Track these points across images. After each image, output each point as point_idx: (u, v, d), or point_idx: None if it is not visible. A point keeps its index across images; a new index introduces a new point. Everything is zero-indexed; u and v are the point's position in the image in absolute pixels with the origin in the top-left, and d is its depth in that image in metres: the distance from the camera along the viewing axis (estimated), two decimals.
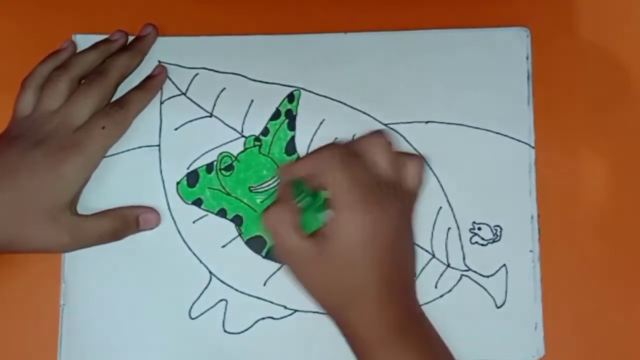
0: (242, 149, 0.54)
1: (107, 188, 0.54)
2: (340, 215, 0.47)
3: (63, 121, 0.51)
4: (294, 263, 0.49)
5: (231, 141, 0.54)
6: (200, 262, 0.53)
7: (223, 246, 0.54)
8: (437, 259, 0.53)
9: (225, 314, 0.53)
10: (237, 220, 0.54)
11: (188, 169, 0.54)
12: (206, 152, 0.54)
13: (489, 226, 0.53)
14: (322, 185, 0.48)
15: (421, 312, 0.50)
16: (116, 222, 0.52)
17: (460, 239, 0.53)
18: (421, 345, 0.48)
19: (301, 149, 0.54)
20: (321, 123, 0.54)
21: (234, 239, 0.54)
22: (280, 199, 0.50)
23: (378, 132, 0.50)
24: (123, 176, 0.54)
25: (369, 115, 0.54)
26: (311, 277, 0.49)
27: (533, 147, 0.53)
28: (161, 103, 0.55)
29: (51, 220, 0.50)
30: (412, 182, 0.50)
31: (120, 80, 0.54)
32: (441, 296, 0.53)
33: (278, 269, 0.53)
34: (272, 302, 0.53)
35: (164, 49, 0.55)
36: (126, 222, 0.53)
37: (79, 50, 0.54)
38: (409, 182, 0.50)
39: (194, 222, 0.54)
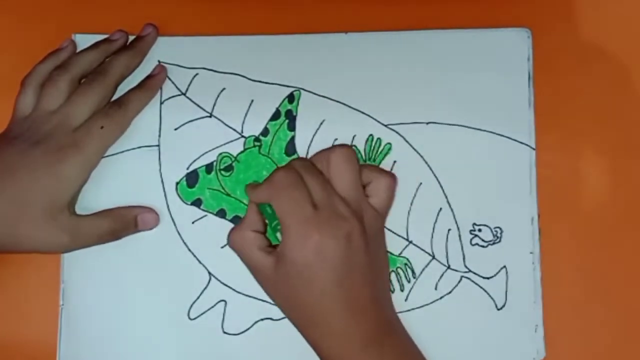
0: (241, 149, 0.54)
1: (107, 188, 0.54)
2: (285, 237, 0.47)
3: (62, 121, 0.51)
4: (260, 280, 0.50)
5: (231, 141, 0.54)
6: (200, 262, 0.53)
7: (222, 247, 0.53)
8: (437, 260, 0.53)
9: (224, 314, 0.53)
10: (237, 221, 0.54)
11: (187, 169, 0.54)
12: (206, 153, 0.54)
13: (490, 228, 0.53)
14: None
15: (394, 322, 0.50)
16: (115, 223, 0.52)
17: (460, 240, 0.53)
18: (395, 356, 0.48)
19: (301, 149, 0.54)
20: (321, 123, 0.54)
21: None
22: (246, 218, 0.51)
23: (344, 147, 0.50)
24: (123, 176, 0.54)
25: (369, 115, 0.54)
26: (274, 293, 0.50)
27: (534, 149, 0.53)
28: (161, 103, 0.55)
29: (50, 220, 0.50)
30: (378, 199, 0.50)
31: (120, 80, 0.54)
32: (441, 298, 0.53)
33: None
34: (271, 303, 0.53)
35: (164, 49, 0.55)
36: (125, 222, 0.53)
37: (79, 49, 0.54)
38: (375, 199, 0.50)
39: (193, 223, 0.54)
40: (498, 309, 0.53)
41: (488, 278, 0.53)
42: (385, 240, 0.52)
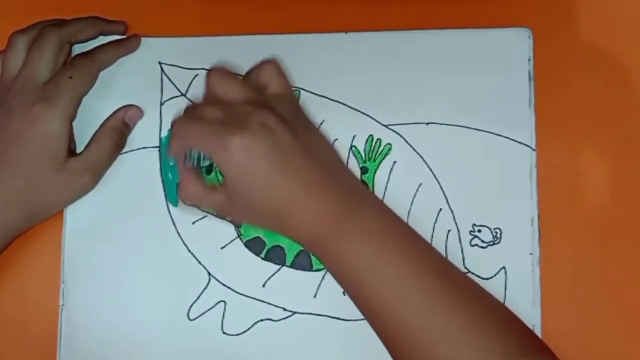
0: None
1: (108, 189, 0.54)
2: (215, 161, 0.47)
3: (27, 80, 0.51)
4: (226, 214, 0.51)
5: None
6: (199, 263, 0.53)
7: (222, 247, 0.54)
8: None
9: (224, 315, 0.53)
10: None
11: None
12: None
13: (489, 228, 0.53)
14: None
15: (365, 199, 0.50)
16: (113, 136, 0.54)
17: (460, 241, 0.53)
18: (369, 229, 0.48)
19: None
20: (321, 123, 0.54)
21: (233, 240, 0.54)
22: (181, 175, 0.50)
23: (216, 67, 0.51)
24: (123, 177, 0.54)
25: (369, 116, 0.54)
26: (241, 218, 0.51)
27: (534, 149, 0.53)
28: (161, 104, 0.55)
29: (61, 172, 0.51)
30: (274, 84, 0.50)
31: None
32: None
33: (277, 271, 0.53)
34: (271, 304, 0.53)
35: (164, 49, 0.55)
36: (119, 130, 0.54)
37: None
38: (271, 87, 0.50)
39: (193, 223, 0.54)
40: None
41: (487, 279, 0.52)
42: (314, 124, 0.52)
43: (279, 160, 0.47)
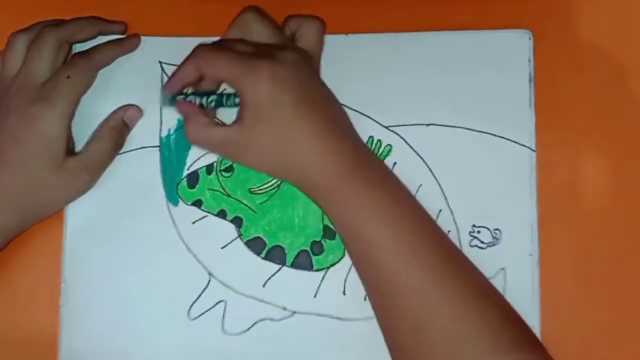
0: None
1: (108, 189, 0.54)
2: (238, 87, 0.48)
3: (26, 80, 0.51)
4: (234, 154, 0.50)
5: None
6: (200, 263, 0.54)
7: (223, 247, 0.54)
8: None
9: (224, 315, 0.53)
10: (237, 222, 0.54)
11: (188, 169, 0.54)
12: (206, 153, 0.54)
13: (489, 229, 0.53)
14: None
15: (370, 152, 0.51)
16: (112, 136, 0.53)
17: (459, 241, 0.53)
18: (373, 182, 0.48)
19: None
20: None
21: (234, 240, 0.54)
22: (189, 115, 0.50)
23: (254, 6, 0.51)
24: (124, 177, 0.54)
25: (369, 117, 0.54)
26: (253, 157, 0.49)
27: (534, 151, 0.53)
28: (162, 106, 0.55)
29: (59, 171, 0.51)
30: (306, 41, 0.51)
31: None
32: None
33: (278, 271, 0.53)
34: (271, 304, 0.53)
35: (164, 49, 0.55)
36: (119, 130, 0.54)
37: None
38: (303, 41, 0.51)
39: (193, 223, 0.54)
40: None
41: None
42: (328, 87, 0.51)
43: (304, 97, 0.48)
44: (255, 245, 0.54)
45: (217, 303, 0.53)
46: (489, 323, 0.47)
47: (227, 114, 0.52)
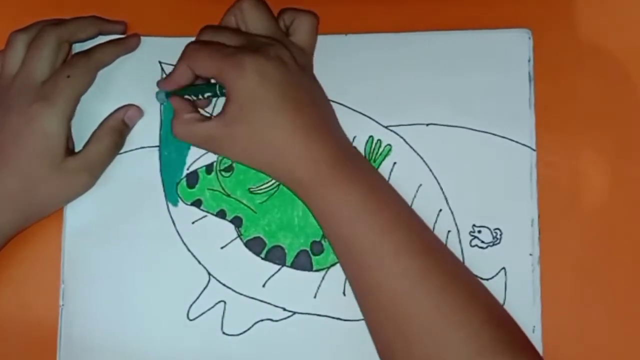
0: None
1: (107, 188, 0.54)
2: (223, 80, 0.48)
3: (26, 79, 0.51)
4: (218, 148, 0.50)
5: None
6: (199, 263, 0.53)
7: (222, 247, 0.54)
8: None
9: (223, 315, 0.53)
10: (237, 222, 0.54)
11: (188, 169, 0.54)
12: (206, 153, 0.54)
13: (489, 229, 0.53)
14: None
15: (355, 151, 0.51)
16: (112, 136, 0.53)
17: (460, 241, 0.53)
18: (357, 179, 0.48)
19: None
20: None
21: (233, 240, 0.54)
22: (176, 109, 0.51)
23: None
24: (123, 176, 0.54)
25: (369, 117, 0.54)
26: (235, 151, 0.50)
27: (534, 150, 0.53)
28: (161, 104, 0.55)
29: (59, 171, 0.51)
30: (300, 36, 0.51)
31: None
32: None
33: (277, 271, 0.53)
34: (271, 304, 0.53)
35: (164, 49, 0.55)
36: (118, 130, 0.54)
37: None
38: (297, 36, 0.51)
39: (193, 223, 0.54)
40: None
41: (487, 279, 0.52)
42: (318, 83, 0.52)
43: (288, 92, 0.48)
44: (255, 245, 0.54)
45: (216, 303, 0.53)
46: (476, 325, 0.47)
47: None
